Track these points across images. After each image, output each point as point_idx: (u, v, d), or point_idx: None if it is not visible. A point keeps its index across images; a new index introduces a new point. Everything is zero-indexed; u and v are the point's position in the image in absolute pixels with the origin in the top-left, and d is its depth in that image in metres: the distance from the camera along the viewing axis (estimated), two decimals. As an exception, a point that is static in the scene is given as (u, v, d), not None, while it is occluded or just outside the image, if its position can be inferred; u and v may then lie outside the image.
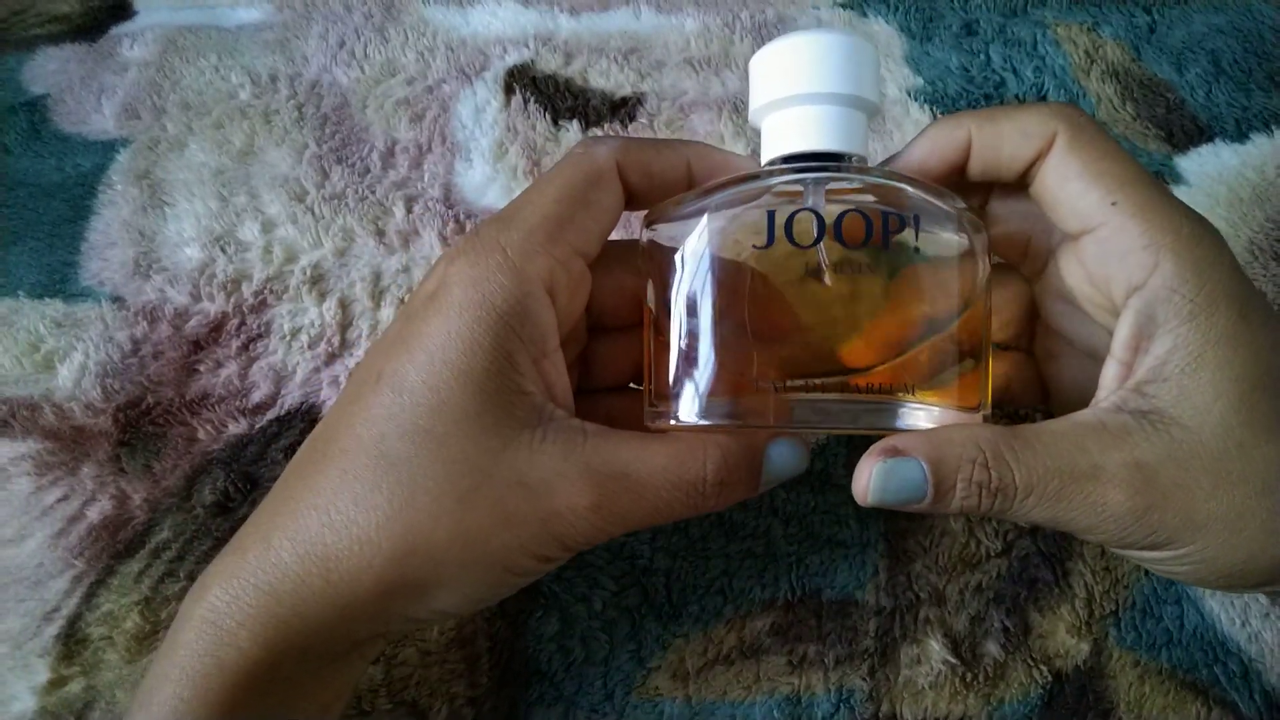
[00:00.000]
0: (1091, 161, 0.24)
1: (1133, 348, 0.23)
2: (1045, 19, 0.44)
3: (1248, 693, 0.30)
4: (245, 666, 0.22)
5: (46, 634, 0.30)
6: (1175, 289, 0.22)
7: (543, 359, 0.24)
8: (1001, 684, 0.30)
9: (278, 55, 0.43)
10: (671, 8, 0.45)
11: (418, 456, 0.22)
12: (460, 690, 0.30)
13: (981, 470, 0.22)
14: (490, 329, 0.23)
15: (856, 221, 0.23)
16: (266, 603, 0.22)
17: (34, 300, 0.37)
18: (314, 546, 0.22)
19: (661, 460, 0.23)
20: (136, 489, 0.33)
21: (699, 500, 0.24)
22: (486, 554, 0.22)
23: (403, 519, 0.22)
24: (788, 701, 0.29)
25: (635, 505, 0.23)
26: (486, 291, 0.23)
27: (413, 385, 0.22)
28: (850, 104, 0.24)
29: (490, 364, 0.22)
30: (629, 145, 0.26)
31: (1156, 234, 0.23)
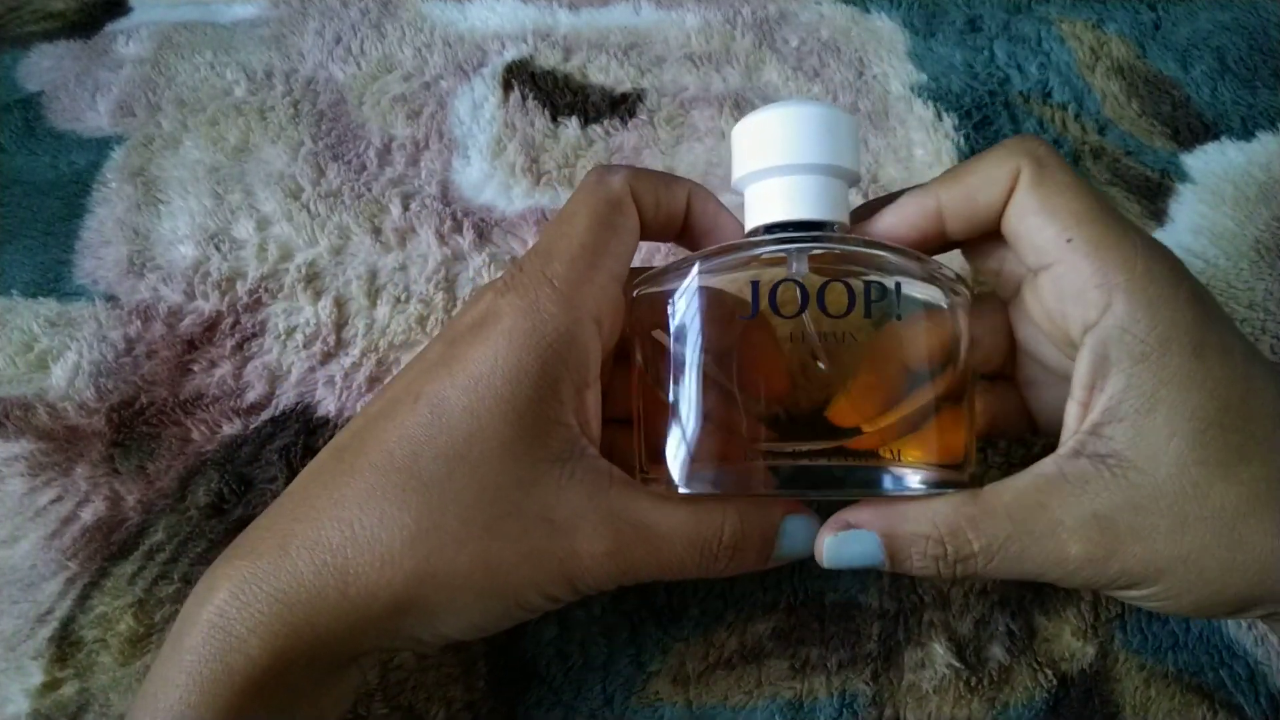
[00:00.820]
0: (1049, 197, 0.24)
1: (1089, 387, 0.23)
2: (1050, 15, 0.44)
3: (1254, 696, 0.29)
4: (253, 674, 0.21)
5: (40, 636, 0.30)
6: (1126, 329, 0.22)
7: (585, 389, 0.24)
8: (1006, 688, 0.29)
9: (273, 51, 0.43)
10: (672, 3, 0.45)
11: (450, 480, 0.22)
12: (457, 695, 0.29)
13: (936, 545, 0.23)
14: (538, 357, 0.23)
15: (839, 292, 0.23)
16: (279, 611, 0.22)
17: (28, 299, 0.37)
18: (334, 558, 0.22)
19: (680, 518, 0.24)
20: (130, 490, 0.33)
21: (710, 563, 0.24)
22: (505, 586, 0.23)
23: (428, 541, 0.22)
24: (790, 706, 0.29)
25: (649, 558, 0.23)
26: (536, 321, 0.23)
27: (452, 408, 0.23)
28: (830, 173, 0.25)
29: (534, 393, 0.23)
30: (640, 174, 0.26)
31: (1110, 272, 0.23)
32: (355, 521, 0.22)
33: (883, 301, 0.24)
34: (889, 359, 0.24)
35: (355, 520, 0.22)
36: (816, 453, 0.24)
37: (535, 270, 0.24)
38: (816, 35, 0.44)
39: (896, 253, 0.24)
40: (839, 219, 0.25)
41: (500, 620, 0.24)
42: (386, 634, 0.23)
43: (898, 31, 0.44)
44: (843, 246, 0.24)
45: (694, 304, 0.24)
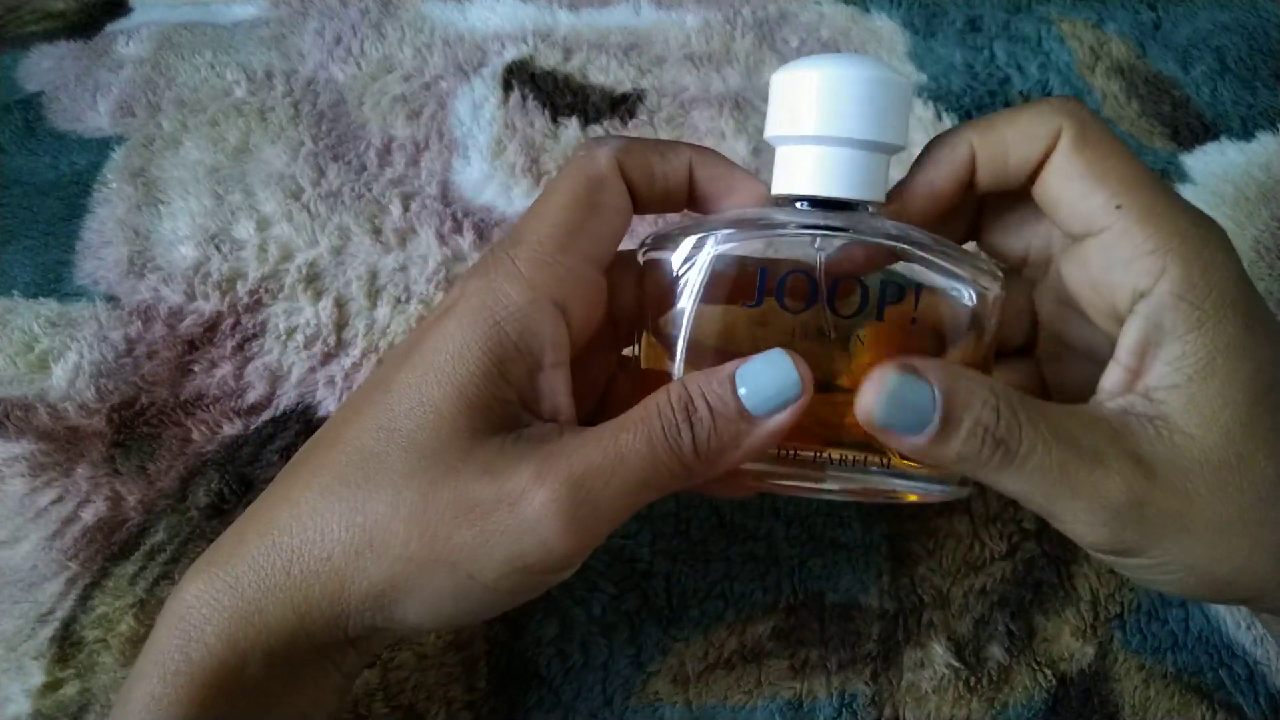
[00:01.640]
0: (1096, 161, 0.23)
1: (1138, 354, 0.23)
2: (1050, 15, 0.44)
3: (1253, 696, 0.29)
4: (212, 665, 0.21)
5: (41, 636, 0.30)
6: (1182, 295, 0.22)
7: (539, 371, 0.23)
8: (1006, 688, 0.30)
9: (273, 52, 0.43)
10: (672, 3, 0.45)
11: (388, 452, 0.22)
12: (458, 694, 0.29)
13: (992, 414, 0.21)
14: (482, 336, 0.22)
15: (852, 291, 0.22)
16: (231, 598, 0.22)
17: (28, 299, 0.37)
18: (280, 538, 0.22)
19: (627, 417, 0.22)
20: (131, 490, 0.33)
21: (676, 443, 0.22)
22: (447, 551, 0.21)
23: (364, 509, 0.22)
24: (789, 706, 0.29)
25: (609, 473, 0.21)
26: (490, 301, 0.23)
27: (398, 386, 0.23)
28: (871, 149, 0.23)
29: (477, 369, 0.22)
30: (631, 146, 0.25)
31: (1163, 238, 0.22)
32: (300, 499, 0.22)
33: (899, 304, 0.23)
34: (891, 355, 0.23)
35: (301, 498, 0.22)
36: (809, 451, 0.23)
37: (501, 253, 0.24)
38: (816, 35, 0.44)
39: (929, 248, 0.23)
40: (875, 198, 0.24)
41: (459, 600, 0.22)
42: (337, 620, 0.22)
43: (898, 32, 0.44)
44: (871, 238, 0.23)
45: (698, 281, 0.23)
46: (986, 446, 0.21)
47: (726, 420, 0.22)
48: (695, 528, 0.32)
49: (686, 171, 0.25)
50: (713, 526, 0.32)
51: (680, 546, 0.31)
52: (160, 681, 0.21)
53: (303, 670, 0.23)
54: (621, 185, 0.25)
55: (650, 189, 0.25)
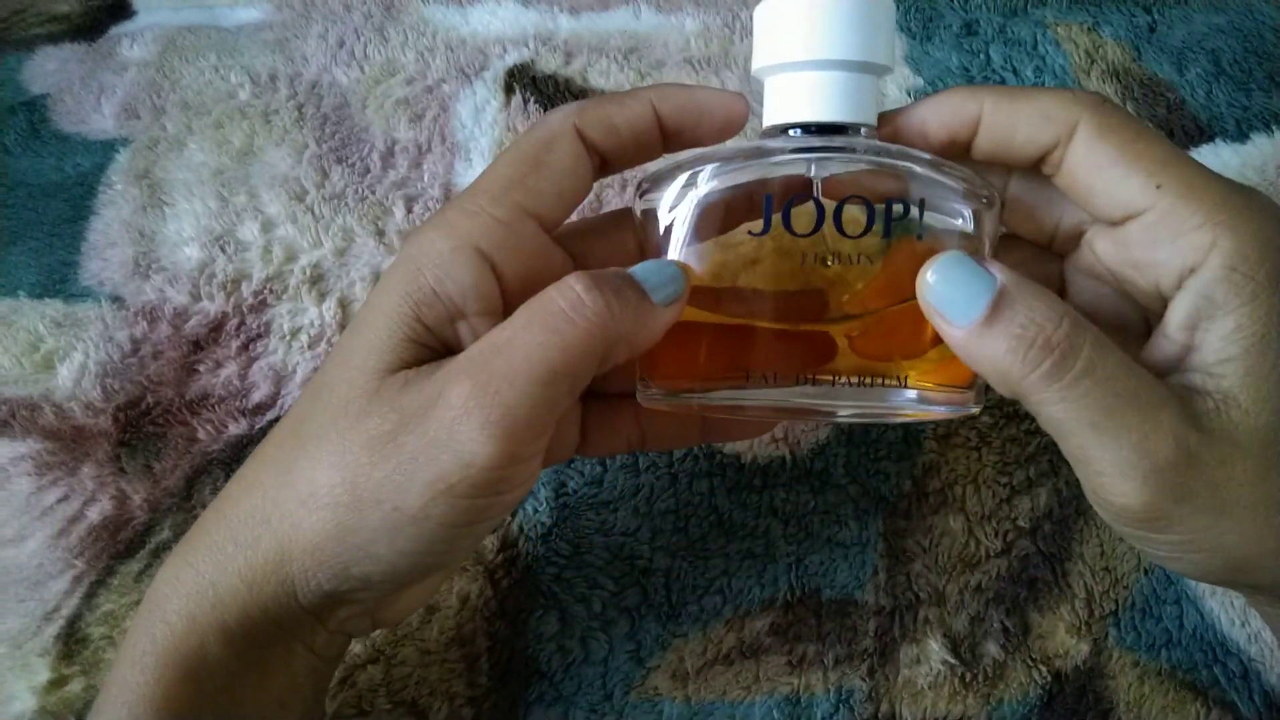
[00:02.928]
0: (1125, 145, 0.22)
1: (1189, 328, 0.22)
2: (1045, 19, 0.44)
3: (1247, 693, 0.30)
4: (174, 644, 0.22)
5: (47, 634, 0.30)
6: (1235, 267, 0.21)
7: (459, 320, 0.23)
8: (1001, 684, 0.30)
9: (277, 55, 0.43)
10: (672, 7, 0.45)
11: (313, 410, 0.23)
12: (460, 690, 0.30)
13: (1054, 319, 0.20)
14: (400, 282, 0.23)
15: (857, 211, 0.22)
16: (188, 574, 0.22)
17: (34, 300, 0.37)
18: (228, 509, 0.23)
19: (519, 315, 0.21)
20: (136, 489, 0.33)
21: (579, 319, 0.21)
22: (370, 490, 0.21)
23: (293, 468, 0.22)
24: (787, 701, 0.29)
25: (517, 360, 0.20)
26: (415, 251, 0.23)
27: (334, 349, 0.24)
28: (861, 69, 0.23)
29: (392, 314, 0.22)
30: (587, 105, 0.24)
31: (1210, 212, 0.21)
32: (245, 473, 0.23)
33: (904, 220, 0.22)
34: (901, 275, 0.22)
35: (245, 472, 0.23)
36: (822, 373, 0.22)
37: (442, 209, 0.24)
38: (815, 39, 0.44)
39: (924, 163, 0.22)
40: (867, 120, 0.23)
41: (400, 539, 0.21)
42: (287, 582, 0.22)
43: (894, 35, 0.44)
44: (866, 158, 0.22)
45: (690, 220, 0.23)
46: (1040, 350, 0.20)
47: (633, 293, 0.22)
48: (694, 525, 0.32)
49: (651, 113, 0.24)
50: (711, 524, 0.32)
51: (679, 543, 0.32)
52: (129, 666, 0.22)
53: (267, 651, 0.23)
54: (575, 145, 0.24)
55: (617, 142, 0.24)
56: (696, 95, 0.25)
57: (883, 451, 0.33)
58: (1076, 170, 0.23)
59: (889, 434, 0.33)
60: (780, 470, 0.33)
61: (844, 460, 0.33)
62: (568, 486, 0.33)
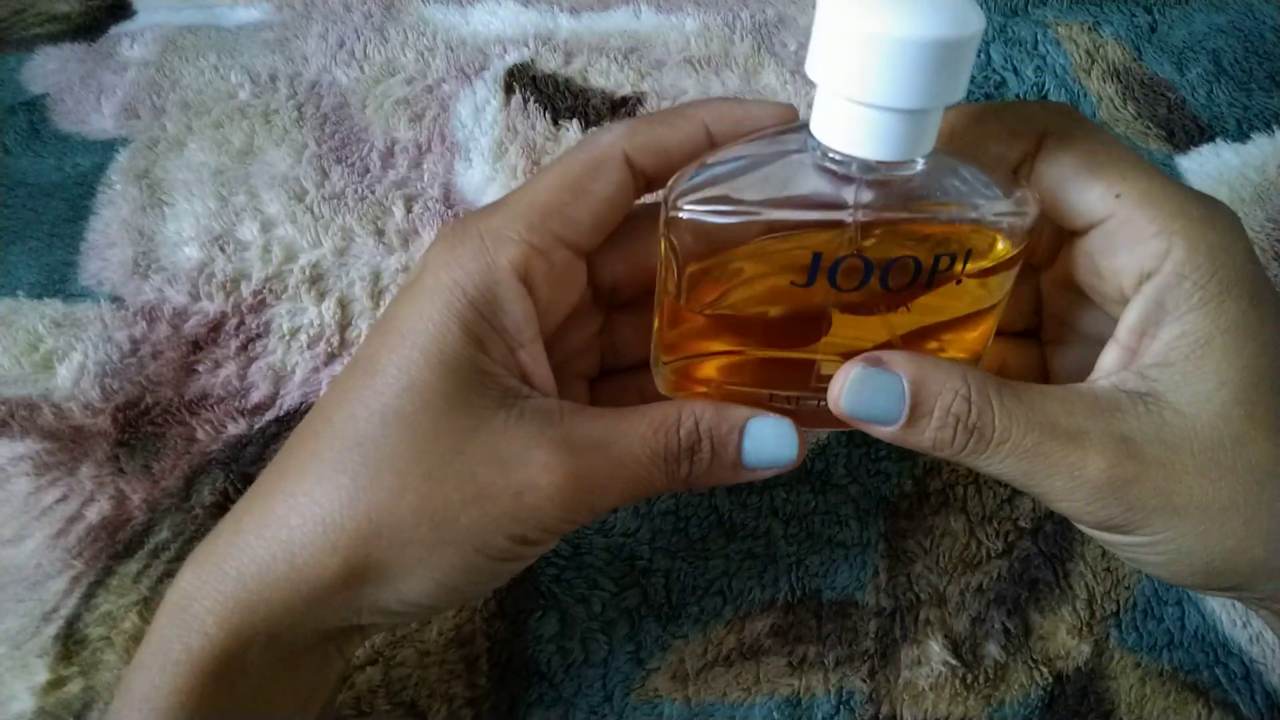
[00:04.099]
0: (1088, 155, 0.23)
1: (1138, 333, 0.23)
2: (1046, 18, 0.44)
3: (1249, 694, 0.30)
4: (213, 653, 0.21)
5: (45, 634, 0.30)
6: (1185, 275, 0.22)
7: (519, 349, 0.23)
8: (1002, 685, 0.30)
9: (277, 55, 0.43)
10: (672, 7, 0.45)
11: (385, 436, 0.22)
12: (459, 691, 0.29)
13: (963, 403, 0.21)
14: (459, 315, 0.22)
15: (905, 268, 0.22)
16: (233, 588, 0.22)
17: (33, 300, 0.37)
18: (279, 530, 0.22)
19: (635, 422, 0.23)
20: (135, 489, 0.33)
21: (672, 467, 0.23)
22: (455, 533, 0.22)
23: (366, 498, 0.21)
24: (787, 703, 0.29)
25: (611, 477, 0.22)
26: (458, 276, 0.22)
27: (384, 367, 0.22)
28: (929, 115, 0.20)
29: (461, 348, 0.22)
30: (637, 126, 0.24)
31: (1165, 220, 0.22)
32: (297, 490, 0.22)
33: (949, 271, 0.22)
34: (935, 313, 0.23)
35: (297, 489, 0.22)
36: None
37: (471, 223, 0.23)
38: (815, 39, 0.44)
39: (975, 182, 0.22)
40: (925, 151, 0.21)
41: (471, 574, 0.23)
42: (347, 606, 0.22)
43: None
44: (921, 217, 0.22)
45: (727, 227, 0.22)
46: (960, 434, 0.22)
47: (722, 466, 0.23)
48: (694, 525, 0.32)
49: (703, 134, 0.24)
50: (711, 524, 0.32)
51: (679, 544, 0.32)
52: (160, 671, 0.21)
53: (305, 656, 0.23)
54: (623, 173, 0.24)
55: (668, 163, 0.24)
56: (750, 110, 0.24)
57: (884, 452, 0.33)
58: (1042, 181, 0.24)
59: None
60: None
61: (845, 460, 0.33)
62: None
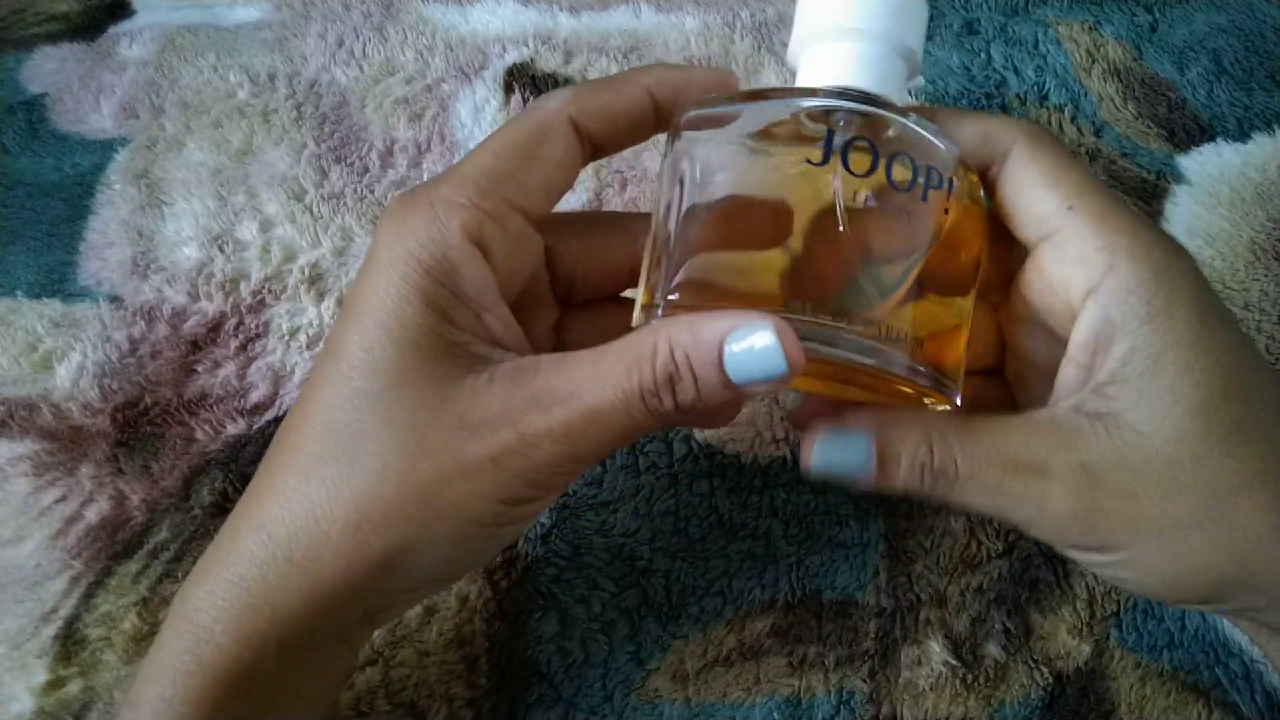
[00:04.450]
0: (1050, 169, 0.24)
1: (1090, 350, 0.23)
2: (1046, 18, 0.44)
3: (1249, 694, 0.30)
4: (224, 663, 0.21)
5: (44, 635, 0.30)
6: (1132, 290, 0.22)
7: (484, 313, 0.23)
8: (1002, 685, 0.30)
9: (276, 54, 0.43)
10: (672, 6, 0.45)
11: (359, 420, 0.22)
12: (459, 691, 0.29)
13: (925, 452, 0.22)
14: (416, 285, 0.22)
15: (906, 166, 0.22)
16: (238, 595, 0.22)
17: (32, 300, 0.37)
18: (275, 529, 0.22)
19: (612, 371, 0.21)
20: (134, 489, 0.33)
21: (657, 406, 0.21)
22: (443, 506, 0.21)
23: (350, 485, 0.21)
24: (788, 703, 0.29)
25: (588, 429, 0.22)
26: (410, 246, 0.22)
27: (349, 349, 0.22)
28: (896, 50, 0.23)
29: (423, 319, 0.22)
30: (582, 91, 0.24)
31: (1112, 236, 0.22)
32: (285, 488, 0.22)
33: (939, 189, 0.22)
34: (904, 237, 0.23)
35: (285, 486, 0.22)
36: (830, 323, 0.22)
37: (420, 193, 0.23)
38: (815, 38, 0.44)
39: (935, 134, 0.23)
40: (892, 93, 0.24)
41: (472, 543, 0.23)
42: (352, 598, 0.22)
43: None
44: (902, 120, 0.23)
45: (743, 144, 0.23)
46: (926, 478, 0.23)
47: (710, 390, 0.21)
48: (694, 525, 0.32)
49: (647, 98, 0.25)
50: (711, 524, 0.32)
51: (679, 544, 0.32)
52: (170, 683, 0.21)
53: (315, 656, 0.23)
54: (569, 137, 0.24)
55: (614, 128, 0.25)
56: (692, 76, 0.25)
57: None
58: (1004, 190, 0.24)
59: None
60: (781, 470, 0.33)
61: (845, 461, 0.33)
62: (567, 488, 0.33)
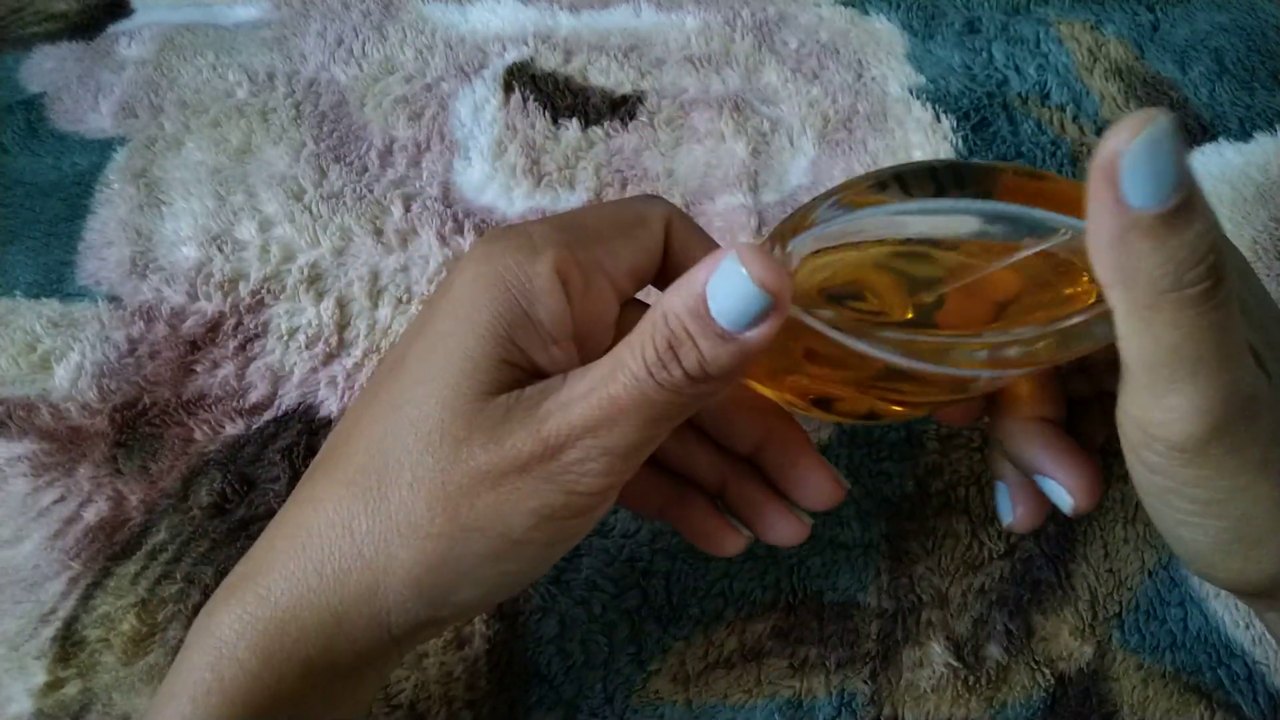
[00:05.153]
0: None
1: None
2: (1048, 16, 0.44)
3: (1251, 695, 0.30)
4: (245, 682, 0.21)
5: (43, 636, 0.30)
6: None
7: (551, 345, 0.22)
8: (1004, 687, 0.30)
9: (275, 53, 0.43)
10: (672, 5, 0.45)
11: (400, 434, 0.21)
12: (459, 694, 0.29)
13: (1212, 244, 0.17)
14: (492, 300, 0.22)
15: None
16: (264, 611, 0.21)
17: (30, 300, 0.37)
18: (309, 540, 0.21)
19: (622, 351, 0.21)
20: (133, 490, 0.33)
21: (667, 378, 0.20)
22: (473, 520, 0.21)
23: (386, 497, 0.21)
24: (789, 705, 0.29)
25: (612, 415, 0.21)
26: (499, 266, 0.22)
27: (409, 364, 0.22)
28: None
29: (485, 333, 0.22)
30: (686, 215, 0.26)
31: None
32: (324, 499, 0.22)
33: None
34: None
35: (324, 497, 0.22)
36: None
37: (520, 226, 0.23)
38: (815, 37, 0.44)
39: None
40: None
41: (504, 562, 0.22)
42: (383, 615, 0.21)
43: (896, 33, 0.44)
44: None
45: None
46: (1215, 255, 0.17)
47: (711, 344, 0.20)
48: (695, 527, 0.32)
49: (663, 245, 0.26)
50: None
51: (680, 545, 0.31)
52: (190, 702, 0.21)
53: (343, 681, 0.22)
54: (662, 236, 0.25)
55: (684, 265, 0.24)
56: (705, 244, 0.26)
57: (885, 453, 0.33)
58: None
59: (891, 434, 0.33)
60: (781, 471, 0.32)
61: (846, 461, 0.33)
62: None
